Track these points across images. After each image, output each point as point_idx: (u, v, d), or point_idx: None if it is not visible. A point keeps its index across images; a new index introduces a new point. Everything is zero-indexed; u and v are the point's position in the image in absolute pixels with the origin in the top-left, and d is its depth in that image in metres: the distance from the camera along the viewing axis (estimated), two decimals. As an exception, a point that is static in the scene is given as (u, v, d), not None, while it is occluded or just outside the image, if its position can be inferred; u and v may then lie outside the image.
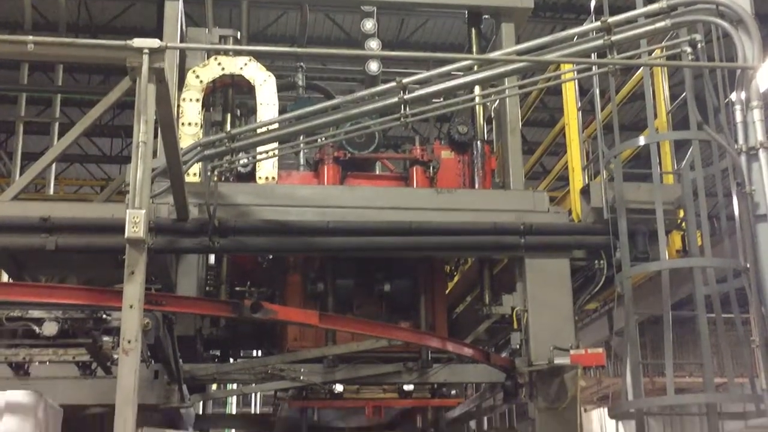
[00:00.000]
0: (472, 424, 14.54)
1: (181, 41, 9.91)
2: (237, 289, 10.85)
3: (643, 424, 9.60)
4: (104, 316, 7.14)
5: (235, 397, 22.70)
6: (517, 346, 9.37)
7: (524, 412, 9.48)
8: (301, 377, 9.44)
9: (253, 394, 23.56)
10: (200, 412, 13.96)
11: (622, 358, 9.30)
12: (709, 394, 8.74)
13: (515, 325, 9.48)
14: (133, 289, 5.90)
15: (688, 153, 9.32)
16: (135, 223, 5.93)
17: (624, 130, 9.57)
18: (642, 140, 9.27)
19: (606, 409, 21.79)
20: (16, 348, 7.36)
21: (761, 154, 7.89)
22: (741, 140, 8.00)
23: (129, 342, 5.82)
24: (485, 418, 13.71)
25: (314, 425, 10.14)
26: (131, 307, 5.88)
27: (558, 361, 8.86)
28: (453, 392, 11.22)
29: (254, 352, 13.64)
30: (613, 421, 23.54)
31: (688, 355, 18.64)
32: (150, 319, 6.55)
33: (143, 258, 5.99)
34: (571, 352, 8.84)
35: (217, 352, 11.71)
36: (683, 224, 9.75)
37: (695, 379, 19.12)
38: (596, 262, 9.57)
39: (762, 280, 7.91)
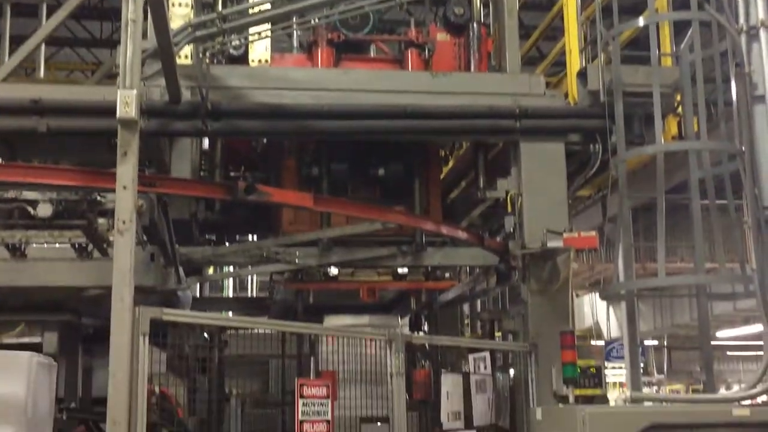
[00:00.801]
0: (465, 307, 14.81)
1: None
2: (232, 174, 10.86)
3: (633, 306, 9.82)
4: (98, 198, 7.13)
5: (231, 282, 23.03)
6: (511, 230, 9.46)
7: (517, 295, 9.61)
8: (296, 260, 9.51)
9: (249, 278, 23.89)
10: (197, 295, 14.21)
11: (615, 243, 9.40)
12: (699, 276, 8.86)
13: (509, 209, 9.55)
14: (126, 170, 5.88)
15: (687, 35, 9.17)
16: (126, 103, 5.86)
17: (623, 13, 9.36)
18: (641, 21, 9.11)
19: (597, 294, 22.15)
20: (12, 230, 7.38)
21: (762, 33, 7.78)
22: (741, 20, 7.87)
23: (123, 222, 5.84)
24: (478, 301, 13.95)
25: (309, 307, 10.30)
26: (125, 188, 5.87)
27: (551, 244, 8.95)
28: (446, 275, 11.37)
29: (249, 237, 13.78)
30: (604, 304, 24.01)
31: (680, 243, 18.83)
32: (144, 201, 6.55)
33: (135, 139, 5.95)
34: (564, 235, 8.92)
35: (213, 236, 11.81)
36: (680, 108, 9.69)
37: (686, 264, 19.35)
38: (591, 146, 9.55)
39: (757, 161, 7.92)
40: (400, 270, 10.23)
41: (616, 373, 25.14)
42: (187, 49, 9.10)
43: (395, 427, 7.62)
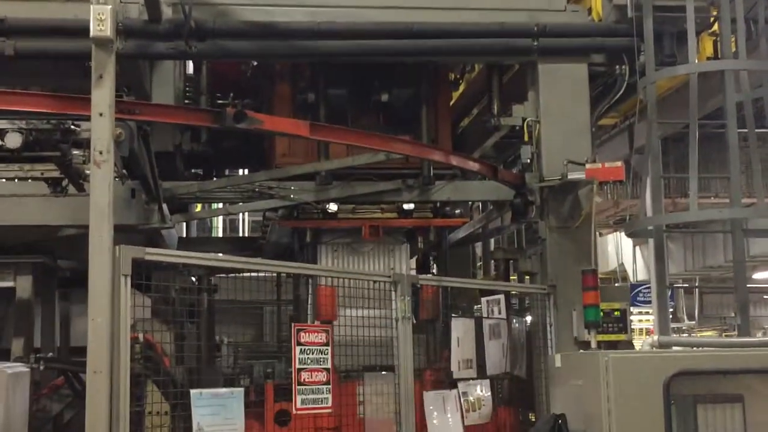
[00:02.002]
0: (478, 247, 14.84)
1: None
2: (219, 101, 10.81)
3: (662, 244, 9.78)
4: (72, 126, 7.10)
5: (221, 222, 23.09)
6: (528, 161, 9.44)
7: (534, 233, 9.62)
8: (291, 196, 9.53)
9: (240, 218, 23.95)
10: (183, 235, 14.25)
11: (642, 176, 9.35)
12: (735, 209, 8.85)
13: (526, 138, 9.50)
14: (102, 95, 5.83)
15: (726, -59, 9.02)
16: (100, 20, 5.79)
17: None
18: (674, -74, 8.95)
19: (622, 233, 22.18)
20: (-21, 164, 7.38)
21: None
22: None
23: (101, 153, 5.81)
24: (491, 240, 13.97)
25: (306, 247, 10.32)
26: (101, 114, 5.83)
27: (572, 176, 8.94)
28: (457, 212, 11.36)
29: (240, 170, 13.77)
30: (630, 244, 24.12)
31: (714, 177, 18.77)
32: (123, 129, 6.50)
33: (112, 60, 5.89)
34: (587, 166, 8.90)
35: (200, 170, 11.81)
36: (716, 26, 9.57)
37: (721, 200, 19.34)
38: (617, 67, 9.48)
39: (801, 83, 7.83)
40: (405, 206, 10.22)
41: (642, 319, 25.33)
42: (167, -39, 8.99)
43: (401, 376, 7.69)
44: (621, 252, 25.40)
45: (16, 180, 8.34)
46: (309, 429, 8.07)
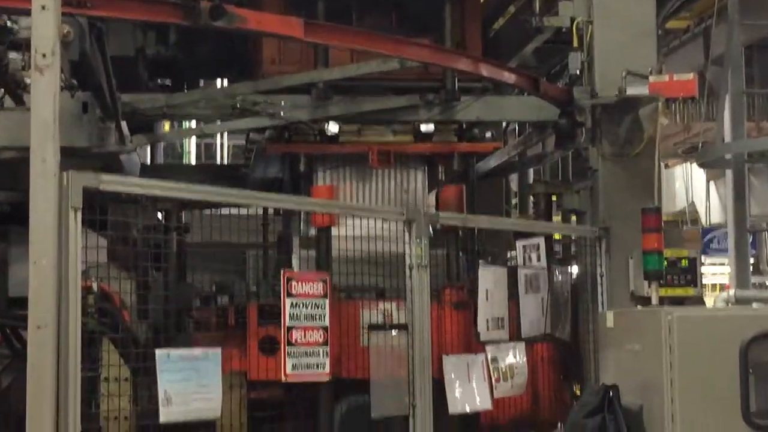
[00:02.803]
0: (513, 180, 14.84)
1: None
2: (192, -5, 10.74)
3: (743, 178, 9.81)
4: (8, 24, 7.07)
5: (194, 145, 23.08)
6: (577, 72, 9.41)
7: (583, 162, 9.59)
8: (282, 113, 9.50)
9: (217, 142, 23.92)
10: (147, 162, 14.27)
11: (720, 93, 9.32)
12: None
13: (575, 43, 9.46)
14: (45, -17, 5.79)
15: None
16: None
17: None
18: None
19: (694, 164, 22.13)
20: None
21: None
22: None
23: (44, 56, 5.79)
24: (530, 171, 13.95)
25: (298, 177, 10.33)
26: (43, 7, 5.80)
27: (632, 91, 8.91)
28: (488, 135, 11.34)
29: (218, 81, 13.73)
30: (703, 178, 24.07)
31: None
32: (71, 27, 6.47)
33: (56, -62, 5.83)
34: (651, 78, 8.86)
35: (167, 80, 11.78)
36: None
37: (818, 123, 19.25)
38: (692, -48, 9.41)
39: None
40: (423, 127, 10.19)
41: (716, 272, 25.38)
42: None
43: (415, 335, 7.75)
44: (691, 188, 25.33)
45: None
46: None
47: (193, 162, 22.91)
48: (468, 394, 8.53)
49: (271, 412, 8.38)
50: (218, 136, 23.14)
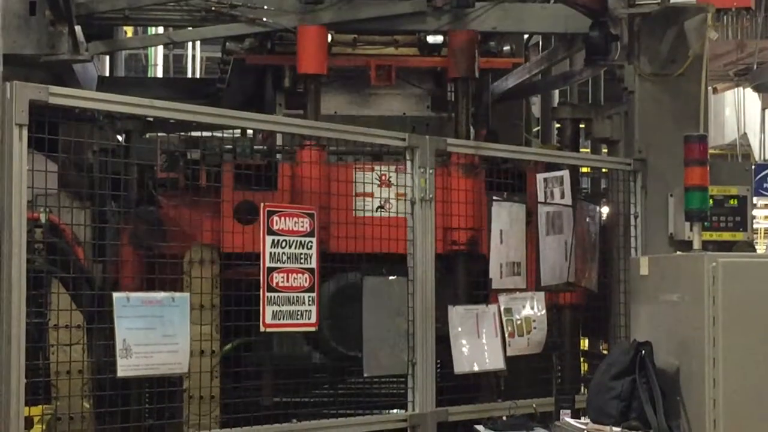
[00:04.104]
0: (535, 103, 14.78)
1: None
2: None
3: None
4: None
5: (161, 57, 22.98)
6: (613, -28, 9.35)
7: (618, 82, 9.54)
8: (264, 18, 9.44)
9: (188, 52, 23.82)
10: (106, 74, 14.20)
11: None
12: None
13: (611, -63, 9.39)
14: None
15: None
16: None
17: None
18: None
19: (748, 89, 22.02)
20: None
21: None
22: None
23: (-17, -56, 5.76)
24: (555, 93, 13.88)
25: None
26: None
27: (676, -2, 8.88)
28: (506, 48, 11.27)
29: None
30: (758, 105, 23.98)
31: None
32: None
33: None
34: (700, -16, 8.83)
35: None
36: None
37: None
38: None
39: None
40: (431, 38, 10.14)
41: (769, 215, 25.47)
42: None
43: (416, 281, 7.77)
44: (744, 118, 25.28)
45: None
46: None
47: (160, 75, 22.82)
48: (477, 351, 8.58)
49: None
50: (189, 45, 23.01)
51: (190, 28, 10.02)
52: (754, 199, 9.90)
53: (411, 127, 10.09)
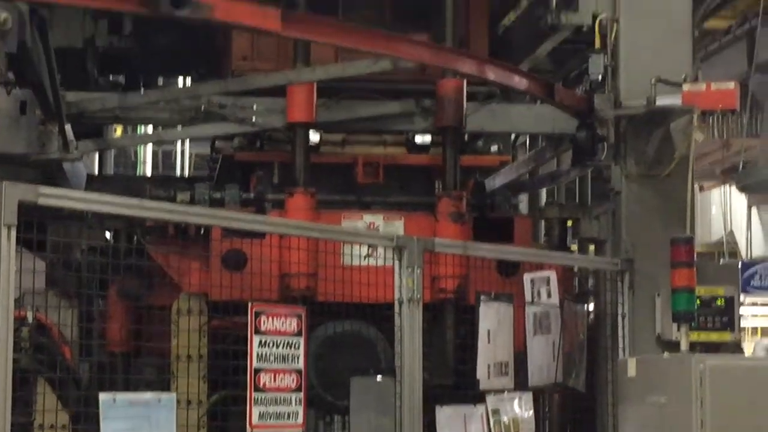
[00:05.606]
0: (522, 201, 14.82)
1: None
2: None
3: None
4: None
5: (150, 153, 23.06)
6: (599, 77, 9.42)
7: (604, 182, 9.59)
8: (254, 118, 9.50)
9: (178, 149, 23.90)
10: (95, 172, 14.23)
11: (765, 105, 9.36)
12: None
13: (597, 44, 9.47)
14: (-20, -39, 5.81)
15: None
16: None
17: None
18: None
19: (733, 187, 22.13)
20: None
21: None
22: None
23: (-24, 47, 5.81)
24: (543, 192, 13.93)
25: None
26: (-23, -10, 5.82)
27: (663, 101, 8.92)
28: (494, 148, 11.35)
29: (179, 79, 13.71)
30: (744, 203, 24.08)
31: None
32: (8, 13, 6.48)
33: None
34: (685, 87, 8.87)
35: (120, 77, 11.77)
36: None
37: None
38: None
39: None
40: (419, 137, 10.20)
41: (757, 313, 25.39)
42: None
43: (404, 383, 7.75)
44: (730, 215, 25.35)
45: None
46: (272, 278, 8.25)
47: (149, 172, 22.88)
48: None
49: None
50: (179, 143, 23.10)
51: (180, 128, 10.06)
52: (742, 297, 9.94)
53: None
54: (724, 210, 25.37)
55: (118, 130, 14.48)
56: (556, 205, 11.58)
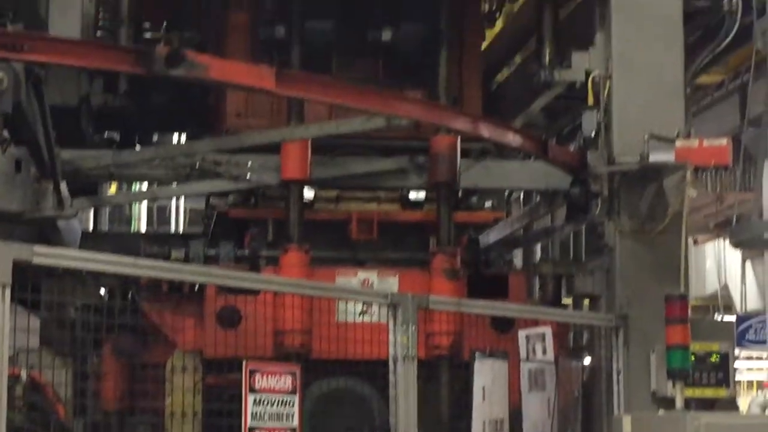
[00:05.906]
0: (517, 256, 14.84)
1: None
2: (147, 34, 10.81)
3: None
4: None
5: (144, 209, 23.06)
6: (592, 134, 9.44)
7: (598, 238, 9.60)
8: (249, 175, 9.52)
9: (172, 206, 23.89)
10: (90, 229, 14.23)
11: (758, 159, 9.39)
12: None
13: (590, 101, 9.51)
14: (-24, 22, 5.85)
15: None
16: None
17: None
18: None
19: (727, 241, 22.12)
20: None
21: None
22: None
23: (-28, 107, 5.84)
24: (537, 247, 13.94)
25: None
26: (-27, 51, 5.85)
27: (656, 157, 8.93)
28: (488, 204, 11.37)
29: (174, 136, 13.73)
30: (738, 258, 24.11)
31: None
32: (4, 73, 6.51)
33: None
34: (678, 143, 8.89)
35: (116, 134, 11.80)
36: None
37: None
38: (725, 1, 9.49)
39: None
40: (413, 194, 10.21)
41: (752, 367, 25.33)
42: None
43: (400, 440, 7.72)
44: (724, 270, 25.34)
45: None
46: (266, 335, 8.21)
47: (143, 229, 22.86)
48: None
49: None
50: (173, 199, 23.11)
51: (175, 185, 10.08)
52: (737, 352, 9.90)
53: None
54: (718, 263, 25.39)
55: (113, 187, 14.48)
56: (551, 261, 11.61)
